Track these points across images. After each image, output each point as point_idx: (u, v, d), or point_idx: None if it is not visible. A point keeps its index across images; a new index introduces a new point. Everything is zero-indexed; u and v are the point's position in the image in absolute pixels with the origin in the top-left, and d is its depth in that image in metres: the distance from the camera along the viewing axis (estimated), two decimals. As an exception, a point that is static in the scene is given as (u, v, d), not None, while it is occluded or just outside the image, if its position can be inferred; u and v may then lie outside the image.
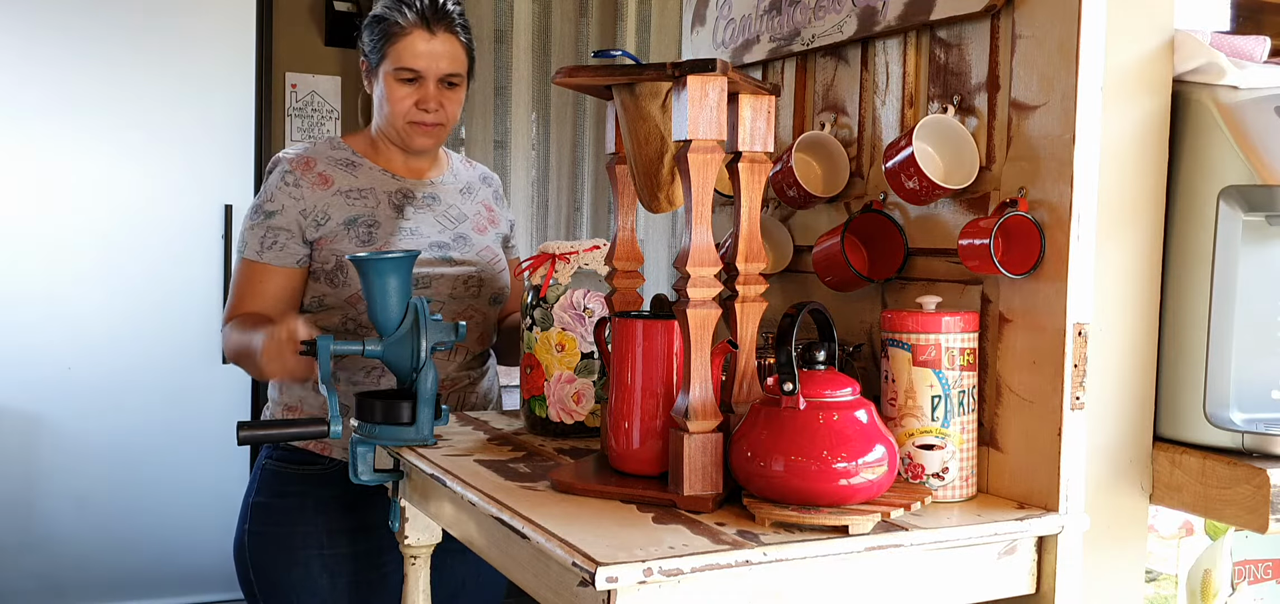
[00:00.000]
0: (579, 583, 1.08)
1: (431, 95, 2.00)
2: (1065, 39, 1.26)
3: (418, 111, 2.01)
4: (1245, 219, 1.29)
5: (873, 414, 1.22)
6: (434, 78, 2.00)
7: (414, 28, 1.98)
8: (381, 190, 2.05)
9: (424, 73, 1.99)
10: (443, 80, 2.01)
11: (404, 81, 2.00)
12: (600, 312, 1.71)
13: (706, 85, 1.22)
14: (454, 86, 2.03)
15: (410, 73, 1.99)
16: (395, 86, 2.00)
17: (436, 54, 1.99)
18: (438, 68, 1.99)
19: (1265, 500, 1.22)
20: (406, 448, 1.59)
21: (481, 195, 2.20)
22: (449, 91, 2.03)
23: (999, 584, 1.27)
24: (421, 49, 1.98)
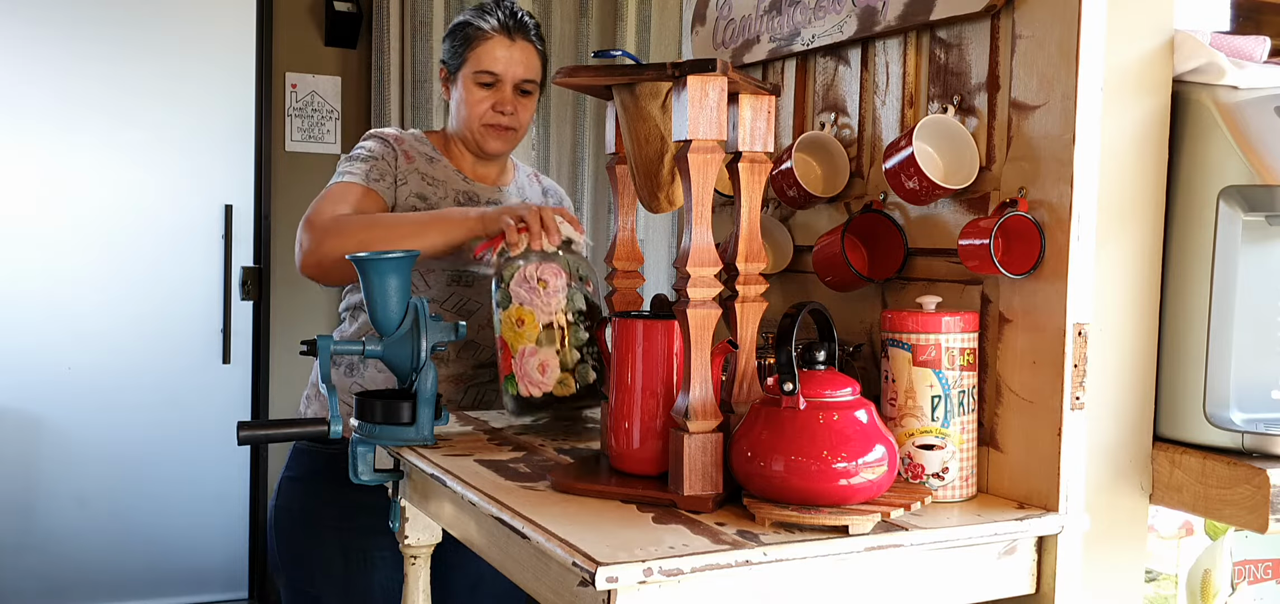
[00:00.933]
0: (579, 583, 1.08)
1: (508, 99, 2.10)
2: (1065, 39, 1.26)
3: (494, 114, 2.10)
4: (1245, 219, 1.29)
5: (873, 414, 1.22)
6: (511, 82, 2.10)
7: (495, 34, 2.10)
8: (451, 185, 2.14)
9: (502, 76, 2.09)
10: (518, 86, 2.11)
11: (483, 85, 2.10)
12: (555, 282, 1.73)
13: (706, 85, 1.22)
14: (528, 94, 2.13)
15: (489, 76, 2.09)
16: (474, 90, 2.10)
17: (514, 60, 2.10)
18: (515, 73, 2.10)
19: (1265, 500, 1.22)
20: (406, 448, 1.59)
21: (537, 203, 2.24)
22: (523, 98, 2.13)
23: (999, 584, 1.27)
24: (500, 54, 2.09)
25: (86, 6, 3.88)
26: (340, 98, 4.21)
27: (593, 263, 1.89)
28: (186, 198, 4.00)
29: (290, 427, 1.62)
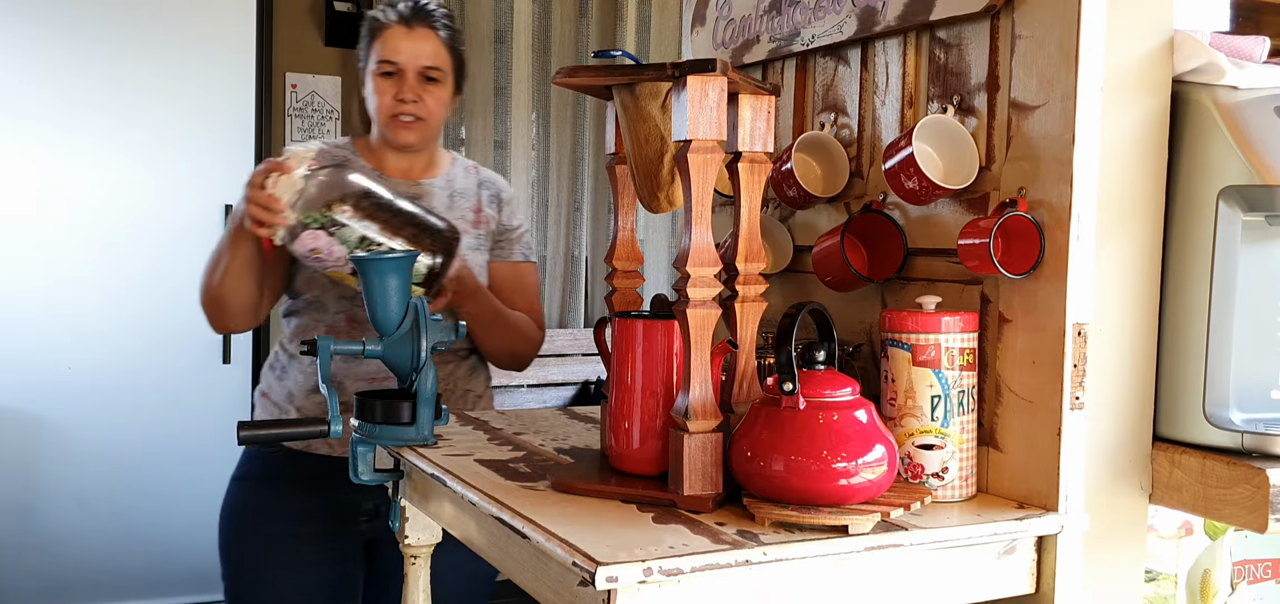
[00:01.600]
0: (579, 583, 1.08)
1: (410, 87, 2.07)
2: (1065, 39, 1.26)
3: (397, 105, 2.08)
4: (1245, 219, 1.29)
5: (872, 414, 1.23)
6: (413, 71, 2.07)
7: (394, 24, 2.08)
8: None
9: (403, 66, 2.07)
10: (422, 74, 2.08)
11: (385, 75, 2.08)
12: (329, 251, 1.85)
13: (706, 85, 1.22)
14: (434, 81, 2.10)
15: (391, 66, 2.07)
16: (378, 82, 2.09)
17: (416, 49, 2.07)
18: (417, 61, 2.07)
19: (1265, 500, 1.23)
20: (406, 448, 1.59)
21: (472, 200, 2.22)
22: (429, 86, 2.10)
23: (999, 584, 1.27)
24: (401, 44, 2.07)
25: (86, 6, 3.88)
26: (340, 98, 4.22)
27: None
28: (186, 198, 4.00)
29: (290, 427, 1.62)
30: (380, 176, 2.13)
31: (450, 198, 2.19)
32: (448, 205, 2.17)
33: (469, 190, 2.22)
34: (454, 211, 2.16)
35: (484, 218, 2.22)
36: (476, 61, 4.24)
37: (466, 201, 2.21)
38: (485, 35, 4.24)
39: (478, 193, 2.23)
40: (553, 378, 4.36)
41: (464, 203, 2.21)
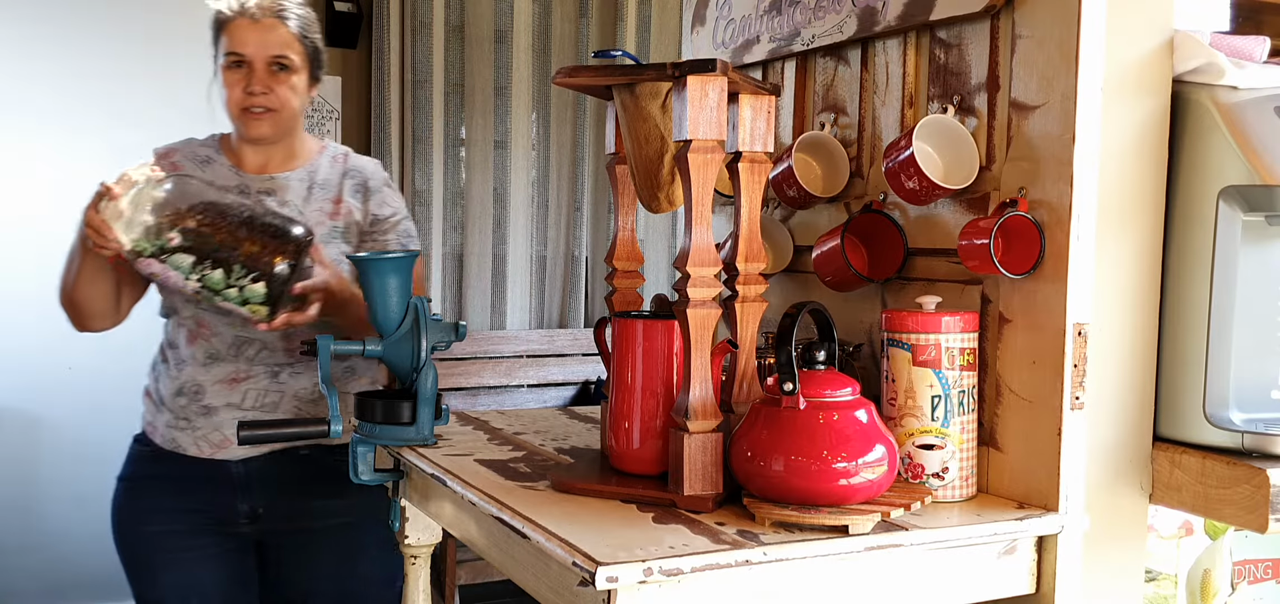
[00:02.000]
0: (579, 583, 1.08)
1: (259, 79, 1.99)
2: (1065, 39, 1.26)
3: (246, 97, 1.99)
4: (1245, 219, 1.29)
5: (873, 414, 1.22)
6: (262, 61, 1.99)
7: (238, 16, 2.01)
8: (222, 184, 2.02)
9: (251, 58, 1.99)
10: (272, 64, 2.00)
11: (233, 67, 2.01)
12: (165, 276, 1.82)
13: (706, 85, 1.22)
14: (286, 70, 2.01)
15: (236, 57, 2.00)
16: (227, 75, 2.02)
17: (263, 40, 2.00)
18: (265, 52, 1.99)
19: (1265, 500, 1.22)
20: (407, 448, 1.59)
21: (333, 191, 2.09)
22: (279, 76, 2.01)
23: (999, 584, 1.27)
24: (246, 35, 2.00)
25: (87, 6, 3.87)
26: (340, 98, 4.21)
27: None
28: (186, 198, 4.00)
29: (290, 427, 1.62)
30: (236, 172, 2.06)
31: (309, 190, 2.08)
32: (305, 198, 2.06)
33: (331, 181, 2.10)
34: (311, 204, 2.06)
35: (344, 209, 2.09)
36: (476, 61, 4.24)
37: (326, 193, 2.09)
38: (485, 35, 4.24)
39: (340, 183, 2.11)
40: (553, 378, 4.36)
41: (323, 194, 2.08)
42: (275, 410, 2.03)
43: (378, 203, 2.12)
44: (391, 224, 2.12)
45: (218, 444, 2.01)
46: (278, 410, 2.02)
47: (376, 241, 2.10)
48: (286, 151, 2.10)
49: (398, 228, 2.13)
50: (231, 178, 2.06)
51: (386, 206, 2.13)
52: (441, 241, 4.23)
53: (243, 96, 2.00)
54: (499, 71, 4.28)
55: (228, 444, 2.01)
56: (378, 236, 2.10)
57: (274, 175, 2.08)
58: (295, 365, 2.03)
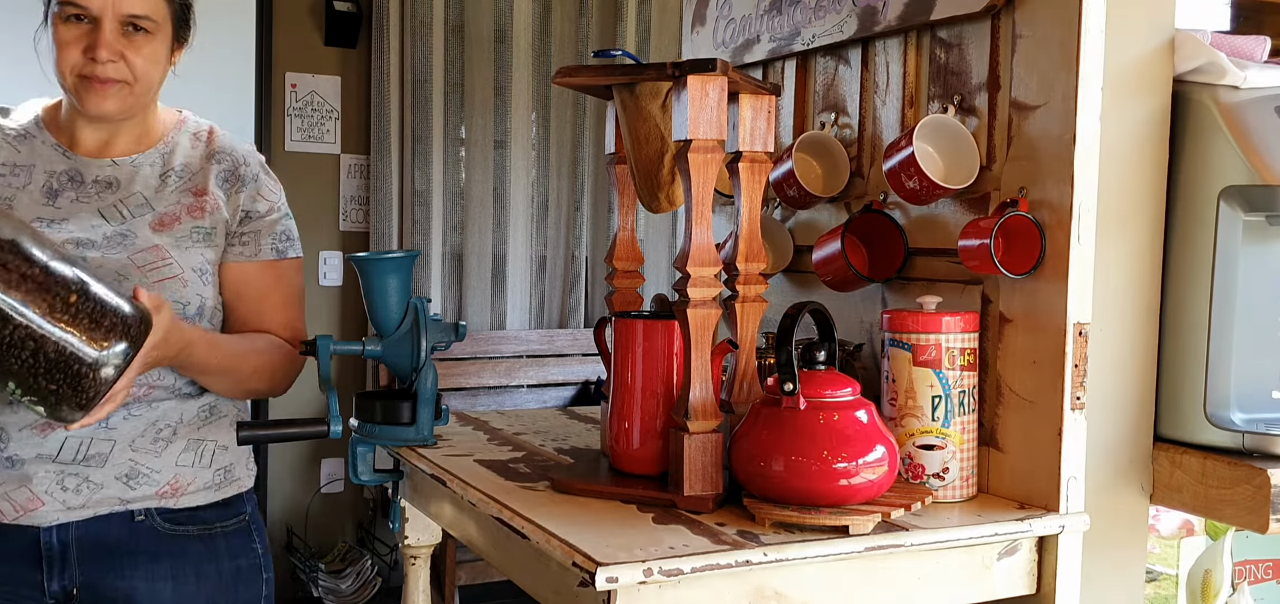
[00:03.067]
0: (579, 583, 1.08)
1: (106, 42, 1.51)
2: (1065, 39, 1.26)
3: (87, 63, 1.53)
4: (1246, 219, 1.29)
5: (873, 414, 1.22)
6: (111, 18, 1.52)
7: None
8: (43, 169, 1.60)
9: (97, 12, 1.51)
10: (124, 23, 1.53)
11: (70, 20, 1.53)
12: None
13: (706, 85, 1.22)
14: (142, 33, 1.55)
15: (76, 9, 1.52)
16: (60, 29, 1.54)
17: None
18: (117, 7, 1.52)
19: (1265, 500, 1.22)
20: (406, 448, 1.59)
21: (196, 178, 1.64)
22: (134, 40, 1.54)
23: (999, 584, 1.27)
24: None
25: (86, 6, 3.88)
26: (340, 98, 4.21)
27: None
28: (186, 198, 4.00)
29: (290, 426, 1.62)
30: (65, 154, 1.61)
31: (164, 177, 1.62)
32: (157, 188, 1.61)
33: (192, 165, 1.65)
34: (166, 195, 1.61)
35: (210, 203, 1.63)
36: (476, 61, 4.24)
37: (186, 181, 1.63)
38: (485, 35, 4.24)
39: (205, 169, 1.65)
40: (553, 378, 4.36)
41: (182, 183, 1.63)
42: (104, 464, 1.55)
43: (251, 196, 1.67)
44: (267, 223, 1.67)
45: (23, 505, 1.53)
46: (106, 464, 1.55)
47: (247, 246, 1.65)
48: (137, 129, 1.63)
49: (274, 229, 1.68)
50: (58, 161, 1.61)
51: (262, 200, 1.67)
52: (441, 242, 4.23)
53: (82, 61, 1.53)
54: (499, 71, 4.28)
55: (37, 505, 1.53)
56: (250, 239, 1.66)
57: (118, 160, 1.61)
58: (131, 405, 1.55)
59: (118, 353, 1.30)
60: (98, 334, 1.29)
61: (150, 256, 1.55)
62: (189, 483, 1.62)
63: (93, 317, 1.29)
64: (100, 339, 1.29)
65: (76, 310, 1.27)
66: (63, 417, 1.31)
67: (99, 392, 1.30)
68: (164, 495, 1.57)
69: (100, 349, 1.29)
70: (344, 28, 4.14)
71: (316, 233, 4.13)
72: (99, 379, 1.29)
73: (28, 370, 1.26)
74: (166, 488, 1.59)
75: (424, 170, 4.14)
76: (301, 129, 4.17)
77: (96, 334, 1.28)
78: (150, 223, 1.58)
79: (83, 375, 1.28)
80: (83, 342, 1.27)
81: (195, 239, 1.60)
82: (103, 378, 1.30)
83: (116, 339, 1.30)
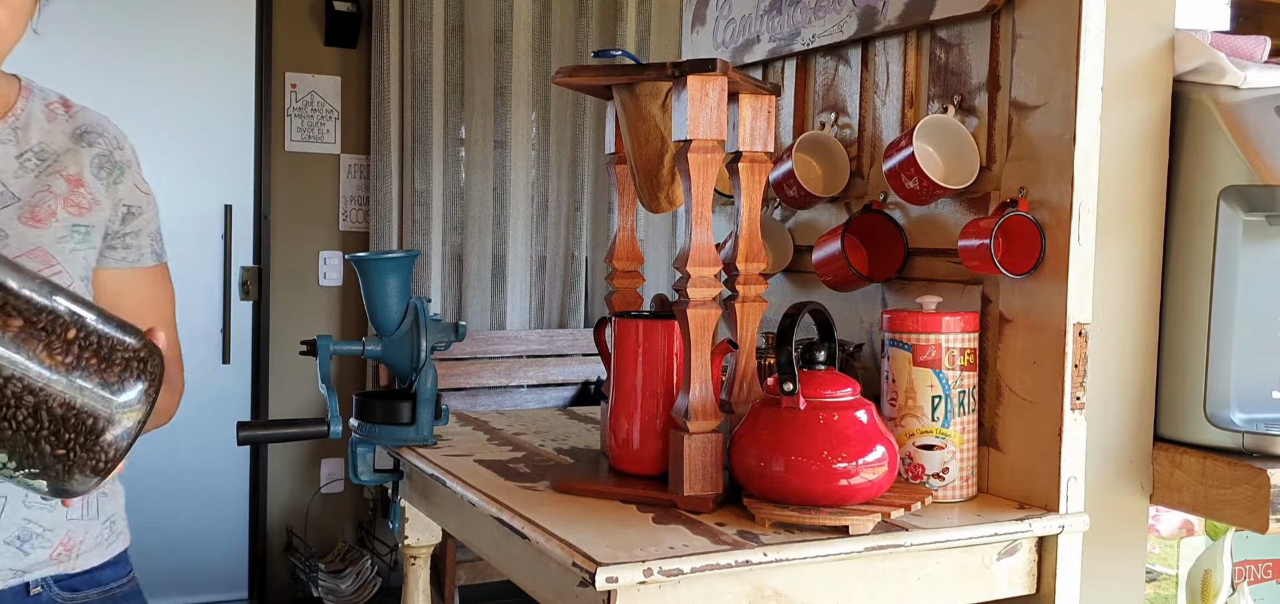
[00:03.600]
0: (579, 583, 1.08)
1: None
2: (1065, 39, 1.26)
3: None
4: (1246, 219, 1.29)
5: (873, 414, 1.22)
6: None
7: None
8: None
9: None
10: None
11: None
12: None
13: (706, 85, 1.22)
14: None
15: None
16: None
17: None
18: None
19: (1265, 501, 1.22)
20: (406, 448, 1.59)
21: (64, 165, 1.30)
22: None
23: (999, 584, 1.27)
24: None
25: (86, 7, 3.87)
26: (340, 98, 4.21)
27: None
28: (186, 198, 4.00)
29: (290, 427, 1.62)
30: None
31: (21, 159, 1.28)
32: (16, 171, 1.27)
33: (55, 144, 1.31)
34: (26, 176, 1.27)
35: (87, 196, 1.31)
36: (476, 61, 4.24)
37: (48, 164, 1.29)
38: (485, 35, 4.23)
39: (76, 151, 1.32)
40: (553, 378, 4.36)
41: (44, 165, 1.29)
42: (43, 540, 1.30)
43: (130, 187, 1.36)
44: (146, 221, 1.38)
45: None
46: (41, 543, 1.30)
47: (127, 249, 1.36)
48: None
49: (152, 227, 1.40)
50: None
51: (139, 192, 1.38)
52: (441, 241, 4.23)
53: None
54: (499, 71, 4.28)
55: None
56: (130, 241, 1.36)
57: None
58: None
59: (136, 396, 1.04)
60: (111, 375, 1.02)
61: (33, 263, 1.23)
62: (81, 539, 1.36)
63: (100, 354, 1.02)
64: (114, 382, 1.02)
65: (80, 348, 1.00)
66: (71, 487, 1.04)
67: (120, 448, 1.04)
68: (58, 558, 1.31)
69: (116, 393, 1.02)
70: (344, 28, 4.14)
71: (316, 233, 4.13)
72: (120, 431, 1.03)
73: (26, 436, 0.98)
74: (60, 548, 1.32)
75: (424, 170, 4.14)
76: (301, 129, 4.17)
77: (109, 375, 1.02)
78: (19, 216, 1.24)
79: (99, 430, 1.01)
80: (96, 386, 1.01)
81: (77, 239, 1.28)
82: (124, 429, 1.03)
83: (132, 378, 1.04)
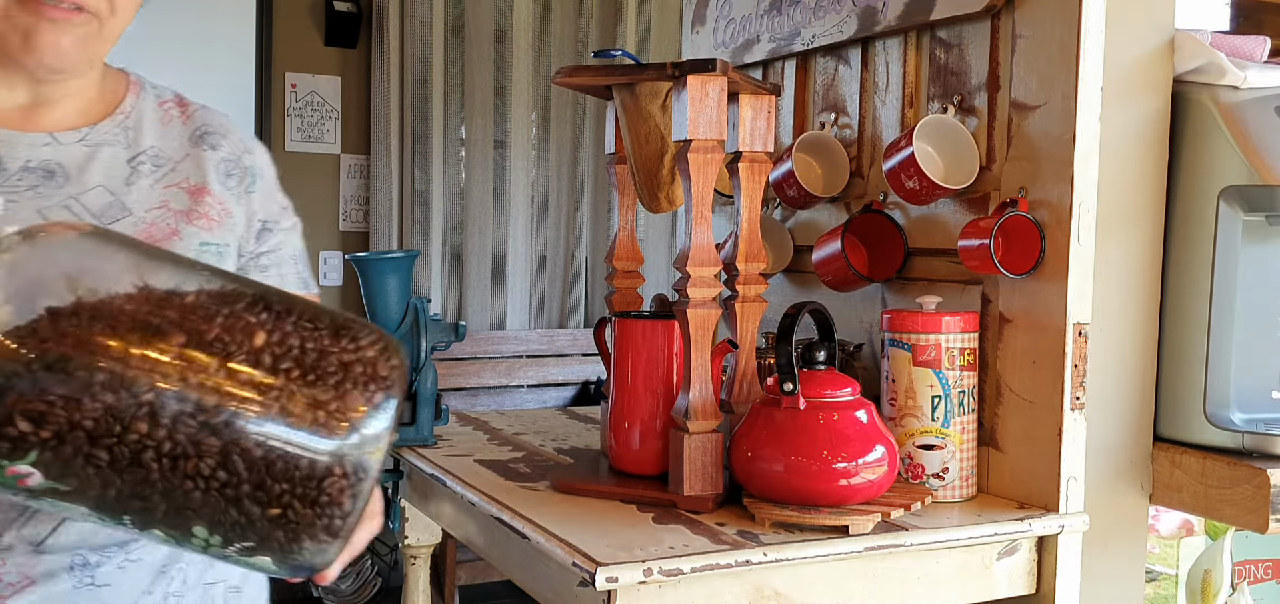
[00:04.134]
0: (579, 583, 1.08)
1: None
2: (1065, 39, 1.26)
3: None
4: (1245, 219, 1.29)
5: (873, 414, 1.22)
6: None
7: None
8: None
9: None
10: None
11: None
12: None
13: (706, 85, 1.22)
14: None
15: None
16: None
17: None
18: None
19: (1265, 500, 1.22)
20: (406, 448, 1.59)
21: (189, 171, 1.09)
22: None
23: (999, 584, 1.27)
24: None
25: (86, 6, 3.88)
26: (340, 98, 4.21)
27: None
28: (186, 198, 4.00)
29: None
30: None
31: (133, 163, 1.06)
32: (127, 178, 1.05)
33: (171, 148, 1.09)
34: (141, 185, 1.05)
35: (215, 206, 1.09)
36: (476, 61, 4.24)
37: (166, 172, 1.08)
38: (485, 35, 4.23)
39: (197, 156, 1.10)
40: (553, 378, 4.36)
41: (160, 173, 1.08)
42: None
43: (265, 196, 1.15)
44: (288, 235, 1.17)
45: None
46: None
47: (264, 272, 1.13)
48: (90, 91, 1.08)
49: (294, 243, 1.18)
50: None
51: (275, 201, 1.17)
52: (441, 241, 4.23)
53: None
54: (499, 71, 4.28)
55: None
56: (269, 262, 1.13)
57: (59, 136, 1.03)
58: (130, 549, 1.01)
59: (370, 416, 0.70)
60: (325, 391, 0.70)
61: None
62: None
63: (305, 363, 0.70)
64: (332, 401, 0.70)
65: (274, 358, 0.69)
66: (305, 558, 0.72)
67: (358, 491, 0.71)
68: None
69: (340, 417, 0.69)
70: (344, 28, 4.14)
71: (316, 233, 4.13)
72: (352, 468, 0.70)
73: (221, 496, 0.69)
74: None
75: (424, 170, 4.14)
76: (301, 129, 4.17)
77: (322, 392, 0.70)
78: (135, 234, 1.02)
79: (321, 473, 0.69)
80: (307, 411, 0.68)
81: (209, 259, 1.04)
82: (358, 463, 0.69)
83: (359, 391, 0.71)
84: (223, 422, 0.68)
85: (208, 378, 0.67)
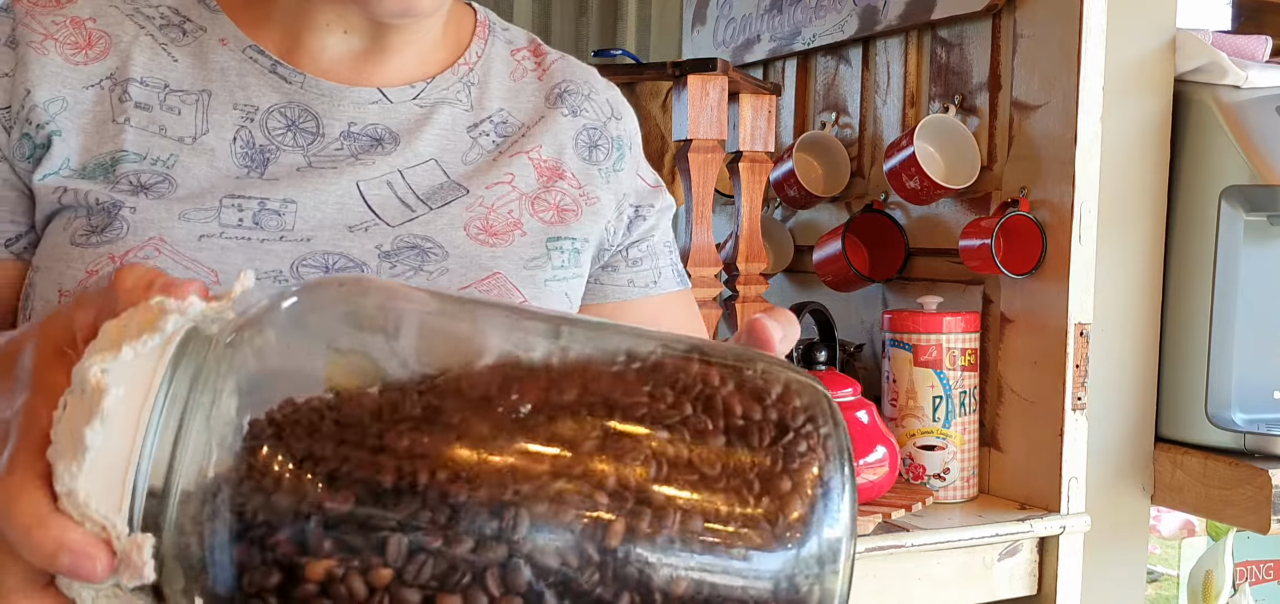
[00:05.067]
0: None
1: None
2: (1067, 39, 1.26)
3: None
4: (1247, 219, 1.29)
5: (874, 415, 1.22)
6: None
7: None
8: (233, 100, 0.75)
9: None
10: None
11: None
12: None
13: (707, 85, 1.22)
14: None
15: None
16: None
17: None
18: None
19: (1267, 501, 1.22)
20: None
21: (543, 141, 0.83)
22: None
23: (1000, 585, 1.27)
24: None
25: (86, 6, 3.88)
26: (340, 97, 4.22)
27: None
28: (186, 197, 4.00)
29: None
30: (288, 73, 0.76)
31: (474, 131, 0.81)
32: (466, 150, 0.80)
33: (526, 113, 0.84)
34: (480, 156, 0.80)
35: (571, 191, 0.83)
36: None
37: (514, 140, 0.82)
38: (485, 35, 4.24)
39: (550, 120, 0.84)
40: (553, 378, 4.36)
41: (506, 142, 0.82)
42: None
43: (632, 176, 0.89)
44: (656, 226, 0.90)
45: None
46: None
47: (637, 268, 0.88)
48: (433, 34, 0.81)
49: (667, 237, 0.92)
50: (264, 85, 0.76)
51: (642, 183, 0.90)
52: (441, 241, 4.23)
53: None
54: (499, 71, 4.28)
55: None
56: (643, 258, 0.89)
57: (390, 92, 0.78)
58: None
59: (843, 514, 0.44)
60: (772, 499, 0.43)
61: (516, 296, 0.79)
62: None
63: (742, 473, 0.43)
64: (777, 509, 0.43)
65: (702, 477, 0.43)
66: None
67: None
68: None
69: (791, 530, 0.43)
70: (344, 27, 4.15)
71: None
72: None
73: None
74: None
75: (424, 170, 4.14)
76: (301, 129, 4.17)
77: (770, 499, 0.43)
78: (469, 225, 0.78)
79: None
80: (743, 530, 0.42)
81: (559, 262, 0.80)
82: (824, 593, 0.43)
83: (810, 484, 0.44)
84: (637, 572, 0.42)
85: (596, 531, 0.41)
